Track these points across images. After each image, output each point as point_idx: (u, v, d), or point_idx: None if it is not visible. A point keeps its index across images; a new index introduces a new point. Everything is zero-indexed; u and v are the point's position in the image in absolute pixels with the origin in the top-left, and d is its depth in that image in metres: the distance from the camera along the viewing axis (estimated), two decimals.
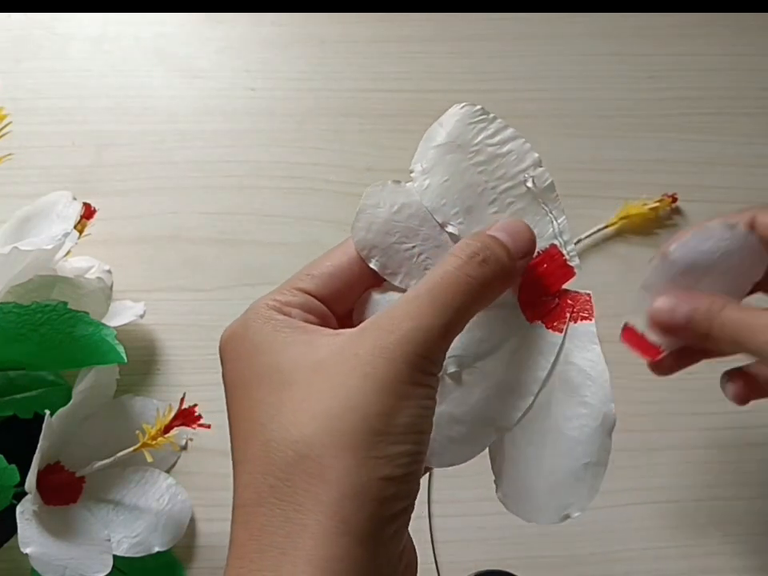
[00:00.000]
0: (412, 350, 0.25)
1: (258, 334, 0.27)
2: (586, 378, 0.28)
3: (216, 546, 0.50)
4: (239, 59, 0.64)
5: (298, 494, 0.24)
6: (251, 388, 0.26)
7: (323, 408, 0.24)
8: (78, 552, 0.44)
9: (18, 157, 0.46)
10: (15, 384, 0.47)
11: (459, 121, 0.29)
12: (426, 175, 0.29)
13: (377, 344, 0.25)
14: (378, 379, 0.24)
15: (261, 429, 0.25)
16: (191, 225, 0.58)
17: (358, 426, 0.24)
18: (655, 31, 0.65)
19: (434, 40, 0.64)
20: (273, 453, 0.24)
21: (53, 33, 0.65)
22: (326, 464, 0.24)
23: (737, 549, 0.51)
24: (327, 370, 0.25)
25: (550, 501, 0.28)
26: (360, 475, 0.24)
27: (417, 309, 0.25)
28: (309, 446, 0.24)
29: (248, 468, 0.25)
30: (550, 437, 0.28)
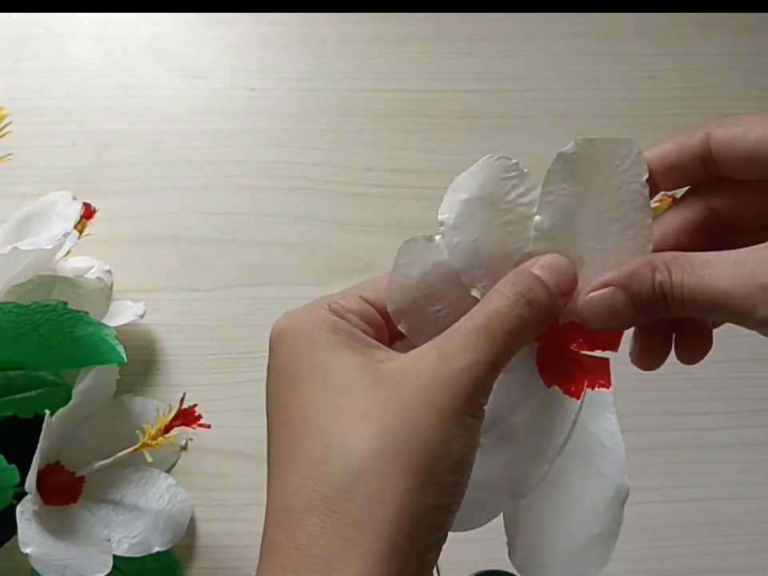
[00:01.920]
0: (470, 381, 0.25)
1: (315, 331, 0.27)
2: (602, 448, 0.28)
3: (216, 546, 0.50)
4: (239, 59, 0.64)
5: (354, 510, 0.23)
6: (304, 383, 0.26)
7: (387, 425, 0.24)
8: (78, 552, 0.44)
9: (18, 157, 0.46)
10: (15, 384, 0.47)
11: (492, 174, 0.29)
12: (456, 231, 0.28)
13: (438, 371, 0.25)
14: (439, 406, 0.24)
15: (317, 431, 0.25)
16: (191, 225, 0.58)
17: (421, 452, 0.24)
18: (655, 31, 0.65)
19: (434, 40, 0.64)
20: (331, 460, 0.24)
21: (53, 33, 0.65)
22: (388, 483, 0.23)
23: (737, 549, 0.51)
24: (390, 385, 0.25)
25: (563, 567, 0.28)
26: (418, 501, 0.24)
27: (474, 343, 0.26)
28: (372, 460, 0.24)
29: (299, 471, 0.24)
30: (564, 505, 0.28)
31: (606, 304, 0.27)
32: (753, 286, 0.24)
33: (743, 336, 0.57)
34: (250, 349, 0.55)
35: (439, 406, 0.24)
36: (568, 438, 0.28)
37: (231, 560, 0.50)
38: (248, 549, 0.50)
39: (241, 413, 0.53)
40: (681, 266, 0.26)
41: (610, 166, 0.28)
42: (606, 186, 0.28)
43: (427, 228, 0.64)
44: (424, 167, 0.60)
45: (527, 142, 0.61)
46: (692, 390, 0.53)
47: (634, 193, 0.27)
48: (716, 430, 0.53)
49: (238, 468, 0.52)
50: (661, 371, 0.31)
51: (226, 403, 0.53)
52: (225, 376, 0.54)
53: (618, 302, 0.27)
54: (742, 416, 0.53)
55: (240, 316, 0.56)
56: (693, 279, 0.25)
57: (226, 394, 0.53)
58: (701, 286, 0.25)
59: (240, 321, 0.56)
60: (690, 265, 0.25)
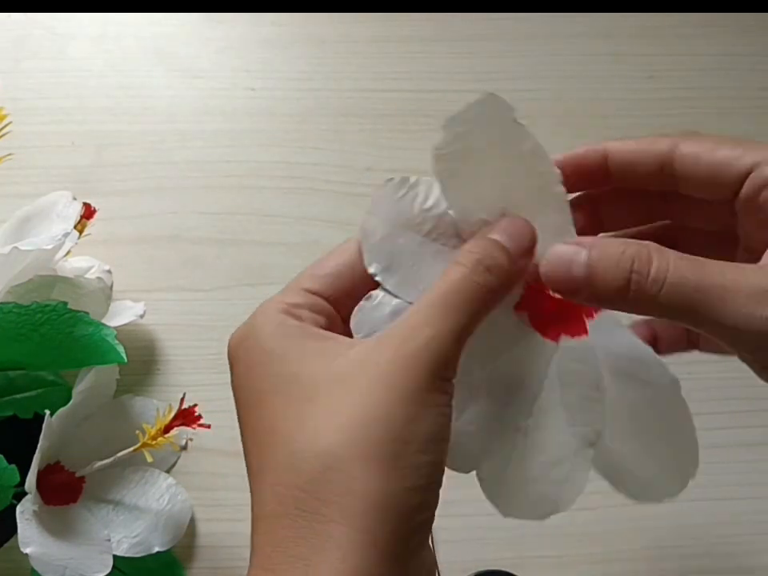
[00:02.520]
0: (431, 356, 0.25)
1: (269, 340, 0.27)
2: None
3: (216, 546, 0.50)
4: (239, 59, 0.64)
5: (324, 506, 0.23)
6: (268, 398, 0.26)
7: (348, 419, 0.24)
8: (78, 552, 0.44)
9: (18, 157, 0.46)
10: (15, 384, 0.47)
11: (388, 202, 0.28)
12: (390, 272, 0.28)
13: (397, 353, 0.25)
14: (400, 388, 0.24)
15: (283, 441, 0.25)
16: (191, 225, 0.58)
17: (384, 436, 0.24)
18: (655, 31, 0.65)
19: (434, 40, 0.64)
20: (298, 464, 0.24)
21: (53, 33, 0.65)
22: (353, 475, 0.23)
23: (737, 549, 0.51)
24: (349, 381, 0.25)
25: (535, 495, 0.29)
26: (386, 486, 0.23)
27: (432, 317, 0.25)
28: (335, 457, 0.24)
29: (269, 479, 0.25)
30: (543, 442, 0.28)
31: (563, 264, 0.26)
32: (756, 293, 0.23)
33: None
34: None
35: (401, 388, 0.24)
36: (543, 379, 0.28)
37: (231, 560, 0.50)
38: (248, 549, 0.50)
39: None
40: (667, 259, 0.24)
41: (491, 140, 0.28)
42: (497, 161, 0.28)
43: None
44: (424, 167, 0.60)
45: None
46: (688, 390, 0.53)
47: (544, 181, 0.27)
48: (712, 430, 0.53)
49: (238, 468, 0.51)
50: None
51: (226, 403, 0.53)
52: (225, 376, 0.53)
53: (576, 268, 0.25)
54: (738, 416, 0.53)
55: (240, 316, 0.55)
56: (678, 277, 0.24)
57: (226, 394, 0.53)
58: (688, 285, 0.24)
59: (240, 321, 0.55)
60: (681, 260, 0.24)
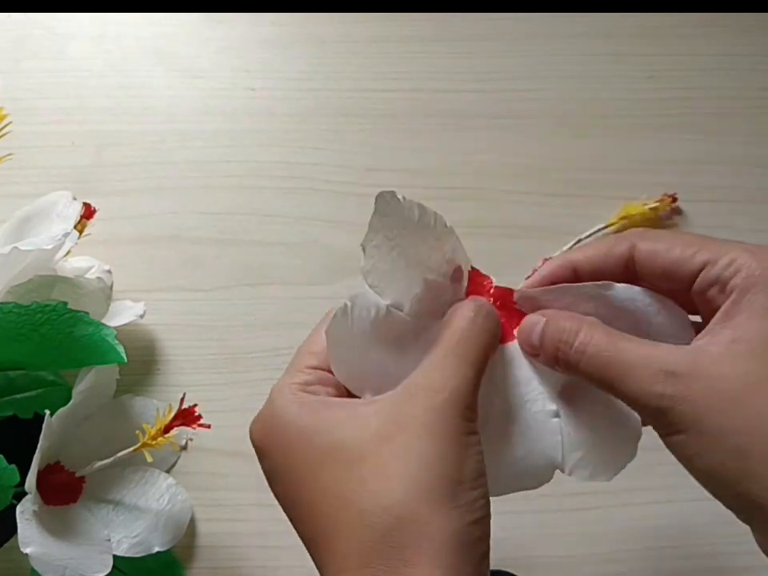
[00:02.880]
0: (461, 404, 0.28)
1: (298, 419, 0.29)
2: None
3: (216, 546, 0.50)
4: (239, 59, 0.64)
5: (403, 551, 0.26)
6: (317, 470, 0.28)
7: (404, 472, 0.26)
8: (78, 552, 0.44)
9: (18, 157, 0.46)
10: (15, 384, 0.47)
11: (345, 334, 0.30)
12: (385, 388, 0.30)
13: (430, 405, 0.27)
14: (442, 436, 0.27)
15: (349, 503, 0.27)
16: (191, 225, 0.58)
17: (439, 482, 0.26)
18: (655, 31, 0.65)
19: (433, 40, 0.64)
20: (370, 521, 0.26)
21: (53, 33, 0.65)
22: (422, 521, 0.26)
23: (737, 549, 0.51)
24: (393, 438, 0.27)
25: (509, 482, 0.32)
26: (452, 524, 0.26)
27: (453, 367, 0.28)
28: (402, 508, 0.26)
29: (344, 537, 0.27)
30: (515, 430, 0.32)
31: (527, 330, 0.31)
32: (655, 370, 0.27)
33: None
34: (250, 349, 0.55)
35: (443, 436, 0.27)
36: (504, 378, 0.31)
37: (231, 560, 0.50)
38: (248, 549, 0.50)
39: (241, 413, 0.53)
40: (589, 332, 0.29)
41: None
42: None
43: None
44: (424, 167, 0.60)
45: (527, 143, 0.61)
46: None
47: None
48: None
49: (238, 468, 0.52)
50: None
51: (226, 403, 0.53)
52: (225, 376, 0.54)
53: (533, 336, 0.30)
54: None
55: (240, 316, 0.56)
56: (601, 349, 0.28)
57: (226, 394, 0.53)
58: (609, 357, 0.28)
59: (240, 321, 0.56)
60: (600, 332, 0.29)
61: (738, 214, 0.59)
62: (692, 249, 0.28)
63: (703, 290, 0.28)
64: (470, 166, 0.60)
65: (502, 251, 0.57)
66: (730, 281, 0.27)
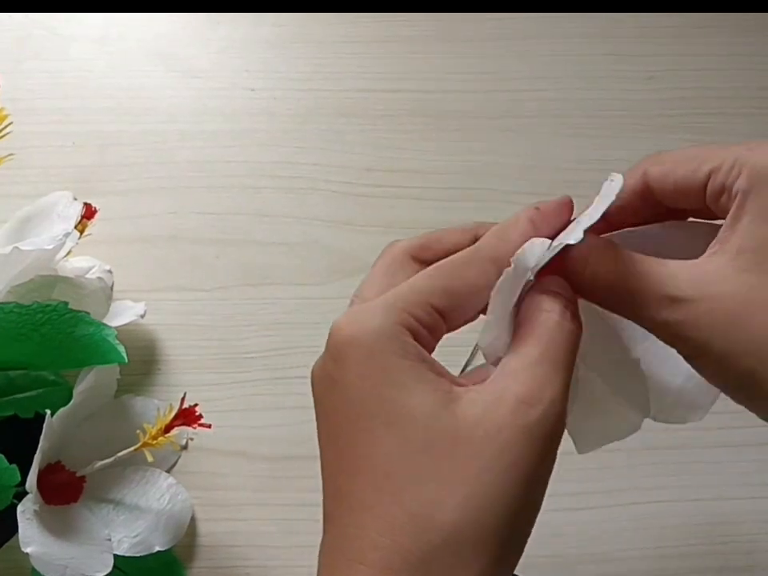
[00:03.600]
0: (552, 423, 0.24)
1: (387, 356, 0.25)
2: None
3: (216, 545, 0.50)
4: (239, 59, 0.64)
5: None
6: (380, 428, 0.25)
7: (469, 494, 0.23)
8: (79, 551, 0.44)
9: (18, 157, 0.46)
10: (16, 384, 0.47)
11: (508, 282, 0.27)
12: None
13: (518, 422, 0.24)
14: (521, 465, 0.24)
15: (400, 493, 0.24)
16: (192, 225, 0.58)
17: (500, 522, 0.23)
18: (654, 32, 0.65)
19: (433, 40, 0.65)
20: (416, 528, 0.23)
21: (54, 33, 0.65)
22: (467, 558, 0.23)
23: (737, 549, 0.51)
24: (471, 444, 0.24)
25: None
26: (493, 573, 0.23)
27: (544, 377, 0.25)
28: (453, 535, 0.23)
29: (380, 527, 0.24)
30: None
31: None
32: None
33: None
34: (251, 348, 0.55)
35: (522, 465, 0.24)
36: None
37: (232, 559, 0.50)
38: (248, 548, 0.50)
39: (241, 412, 0.53)
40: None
41: None
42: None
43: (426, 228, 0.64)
44: (424, 167, 0.60)
45: (526, 143, 0.61)
46: None
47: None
48: (716, 429, 0.53)
49: (239, 468, 0.52)
50: None
51: (227, 403, 0.53)
52: (225, 376, 0.54)
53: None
54: (742, 415, 0.53)
55: (240, 316, 0.56)
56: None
57: (227, 394, 0.54)
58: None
59: (240, 320, 0.56)
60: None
61: None
62: (696, 161, 0.27)
63: (716, 200, 0.27)
64: (470, 166, 0.60)
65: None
66: (734, 184, 0.26)
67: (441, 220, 0.59)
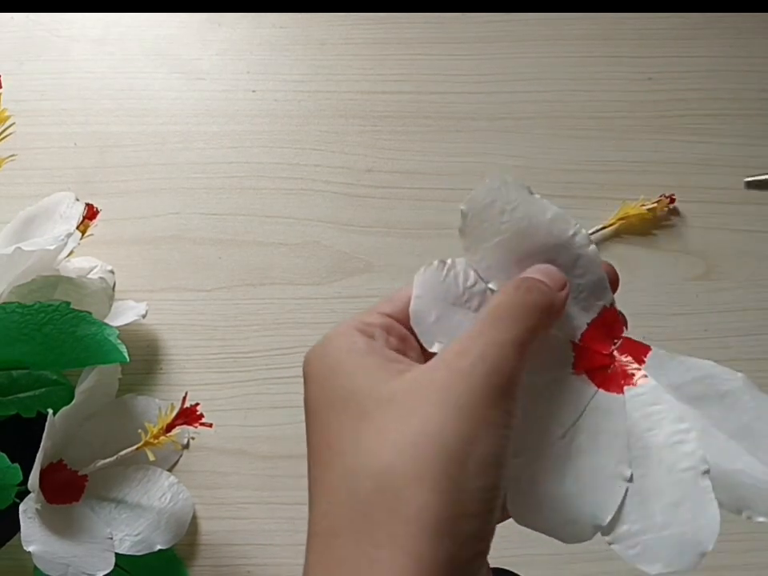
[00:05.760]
0: (488, 368, 0.24)
1: (337, 354, 0.27)
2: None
3: (218, 543, 0.50)
4: (240, 61, 0.64)
5: (375, 529, 0.23)
6: (327, 414, 0.26)
7: (400, 436, 0.23)
8: (81, 550, 0.44)
9: (21, 158, 0.47)
10: (18, 383, 0.47)
11: (434, 284, 0.29)
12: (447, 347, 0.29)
13: (451, 367, 0.24)
14: (455, 403, 0.23)
15: (339, 458, 0.25)
16: (193, 225, 0.59)
17: (437, 454, 0.23)
18: (653, 33, 0.65)
19: (433, 42, 0.65)
20: (351, 484, 0.24)
21: (56, 34, 0.65)
22: (405, 497, 0.22)
23: (736, 547, 0.51)
24: (402, 398, 0.24)
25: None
26: (439, 511, 0.22)
27: (486, 329, 0.25)
28: (387, 476, 0.23)
29: (326, 497, 0.25)
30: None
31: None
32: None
33: (740, 336, 0.57)
34: (252, 348, 0.55)
35: (455, 403, 0.23)
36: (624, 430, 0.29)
37: (233, 558, 0.50)
38: (249, 546, 0.50)
39: (242, 412, 0.53)
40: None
41: (497, 210, 0.29)
42: (513, 224, 0.29)
43: (426, 228, 0.64)
44: (424, 169, 0.61)
45: (526, 144, 0.61)
46: None
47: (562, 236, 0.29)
48: None
49: (240, 466, 0.52)
50: None
51: (228, 402, 0.54)
52: (226, 375, 0.54)
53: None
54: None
55: (241, 316, 0.56)
56: None
57: (228, 393, 0.54)
58: None
59: (241, 320, 0.56)
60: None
61: (734, 215, 0.59)
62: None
63: None
64: (470, 167, 0.61)
65: None
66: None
67: (440, 221, 0.59)
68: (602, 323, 0.30)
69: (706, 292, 0.57)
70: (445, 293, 0.29)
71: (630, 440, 0.28)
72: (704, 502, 0.27)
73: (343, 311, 0.56)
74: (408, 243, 0.58)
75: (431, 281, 0.29)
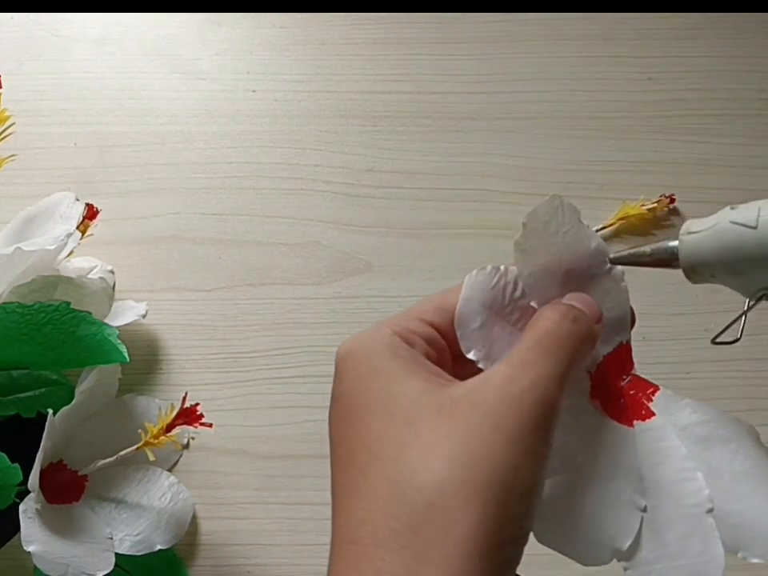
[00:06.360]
0: (537, 399, 0.24)
1: (378, 356, 0.26)
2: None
3: (218, 543, 0.50)
4: (240, 61, 0.64)
5: (422, 544, 0.23)
6: (367, 416, 0.25)
7: (453, 455, 0.24)
8: (81, 550, 0.44)
9: (21, 158, 0.47)
10: (18, 383, 0.47)
11: (484, 289, 0.29)
12: (489, 361, 0.28)
13: (504, 392, 0.24)
14: (507, 429, 0.24)
15: (383, 465, 0.24)
16: (193, 225, 0.59)
17: (488, 478, 0.23)
18: (653, 33, 0.65)
19: (433, 42, 0.65)
20: (398, 495, 0.24)
21: (56, 34, 0.65)
22: (455, 517, 0.23)
23: None
24: (455, 413, 0.24)
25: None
26: (488, 534, 0.23)
27: (533, 360, 0.25)
28: (438, 494, 0.23)
29: (365, 504, 0.24)
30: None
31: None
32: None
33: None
34: (252, 348, 0.55)
35: (507, 429, 0.24)
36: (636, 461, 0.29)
37: (233, 558, 0.50)
38: (249, 546, 0.50)
39: (242, 412, 0.53)
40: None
41: (553, 230, 0.29)
42: (562, 247, 0.29)
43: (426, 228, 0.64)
44: (424, 169, 0.61)
45: (526, 144, 0.61)
46: (688, 390, 0.53)
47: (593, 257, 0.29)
48: None
49: (240, 466, 0.52)
50: (657, 371, 0.32)
51: (228, 402, 0.54)
52: (226, 375, 0.54)
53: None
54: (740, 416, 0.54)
55: (241, 316, 0.56)
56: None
57: (228, 393, 0.54)
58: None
59: (241, 320, 0.56)
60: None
61: None
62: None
63: None
64: (470, 167, 0.61)
65: (501, 252, 0.57)
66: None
67: (440, 221, 0.59)
68: (617, 358, 0.30)
69: (706, 292, 0.57)
70: (492, 300, 0.29)
71: (641, 472, 0.29)
72: (710, 538, 0.28)
73: (343, 311, 0.56)
74: (408, 243, 0.58)
75: (482, 285, 0.28)
